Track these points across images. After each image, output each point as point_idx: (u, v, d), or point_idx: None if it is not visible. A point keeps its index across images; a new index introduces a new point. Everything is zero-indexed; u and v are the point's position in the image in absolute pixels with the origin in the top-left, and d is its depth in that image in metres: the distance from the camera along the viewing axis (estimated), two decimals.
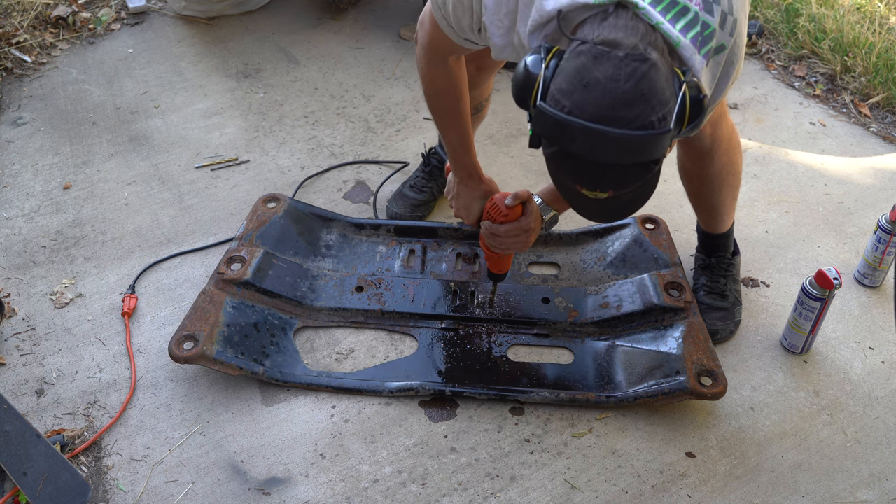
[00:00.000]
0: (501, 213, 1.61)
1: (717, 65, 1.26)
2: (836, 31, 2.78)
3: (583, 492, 1.51)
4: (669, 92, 1.10)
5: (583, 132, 1.09)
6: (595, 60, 1.08)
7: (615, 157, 1.11)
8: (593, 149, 1.10)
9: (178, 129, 2.46)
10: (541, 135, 1.17)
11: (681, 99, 1.11)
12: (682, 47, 1.16)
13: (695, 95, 1.12)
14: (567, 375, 1.71)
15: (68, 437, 1.57)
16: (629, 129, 1.07)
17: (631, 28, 1.11)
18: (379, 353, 1.76)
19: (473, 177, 1.71)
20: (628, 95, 1.07)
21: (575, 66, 1.10)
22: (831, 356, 1.78)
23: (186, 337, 1.65)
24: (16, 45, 2.76)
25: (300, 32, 2.94)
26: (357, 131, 2.45)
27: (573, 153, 1.12)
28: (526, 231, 1.62)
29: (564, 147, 1.13)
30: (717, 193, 1.75)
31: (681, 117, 1.11)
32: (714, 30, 1.21)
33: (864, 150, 2.43)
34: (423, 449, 1.58)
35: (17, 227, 2.10)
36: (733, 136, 1.70)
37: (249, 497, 1.49)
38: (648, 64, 1.08)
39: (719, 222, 1.83)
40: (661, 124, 1.09)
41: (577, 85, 1.09)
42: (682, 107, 1.11)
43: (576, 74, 1.09)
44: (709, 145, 1.63)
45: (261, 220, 1.96)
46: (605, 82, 1.07)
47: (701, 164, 1.69)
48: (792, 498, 1.51)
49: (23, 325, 1.82)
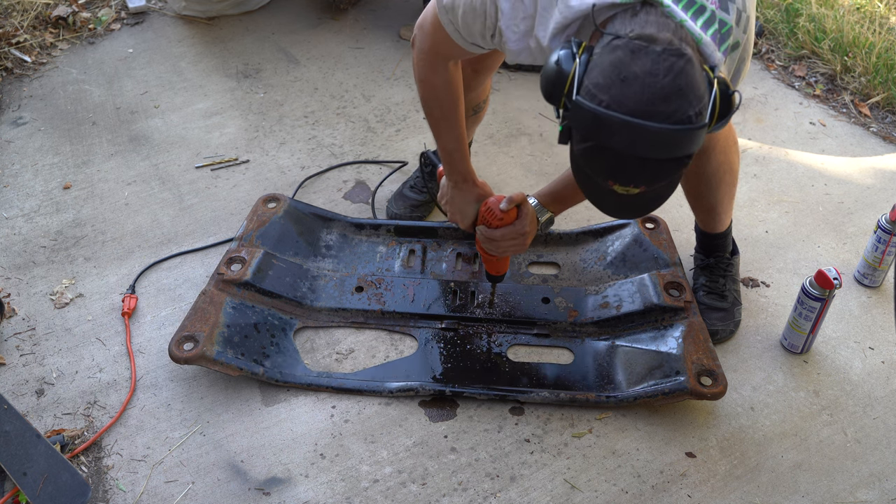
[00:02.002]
0: (496, 217, 1.61)
1: (732, 62, 1.27)
2: (836, 31, 2.78)
3: (583, 492, 1.51)
4: (704, 87, 1.11)
5: (622, 126, 1.08)
6: (633, 55, 1.08)
7: (653, 151, 1.11)
8: (632, 143, 1.10)
9: (178, 129, 2.46)
10: (576, 129, 1.16)
11: (713, 95, 1.12)
12: (703, 44, 1.17)
13: (724, 90, 1.13)
14: (567, 375, 1.71)
15: (68, 437, 1.57)
16: (668, 124, 1.08)
17: (663, 24, 1.12)
18: (379, 354, 1.76)
19: (468, 181, 1.69)
20: (667, 90, 1.07)
21: (611, 61, 1.10)
22: (831, 356, 1.78)
23: (186, 338, 1.65)
24: (16, 45, 2.76)
25: (300, 32, 2.95)
26: (357, 131, 2.45)
27: (611, 147, 1.12)
28: (521, 235, 1.62)
29: (602, 142, 1.12)
30: (715, 192, 1.76)
31: (713, 113, 1.12)
32: (731, 27, 1.22)
33: (864, 150, 2.43)
34: (423, 449, 1.58)
35: (17, 227, 2.10)
36: (730, 134, 1.70)
37: (249, 497, 1.49)
38: (685, 59, 1.08)
39: (717, 222, 1.83)
40: (697, 119, 1.10)
41: (615, 79, 1.08)
42: (714, 102, 1.12)
43: (613, 69, 1.09)
44: (706, 143, 1.64)
45: (261, 220, 1.96)
46: (643, 77, 1.07)
47: (698, 162, 1.69)
48: (792, 498, 1.51)
49: (23, 325, 1.82)
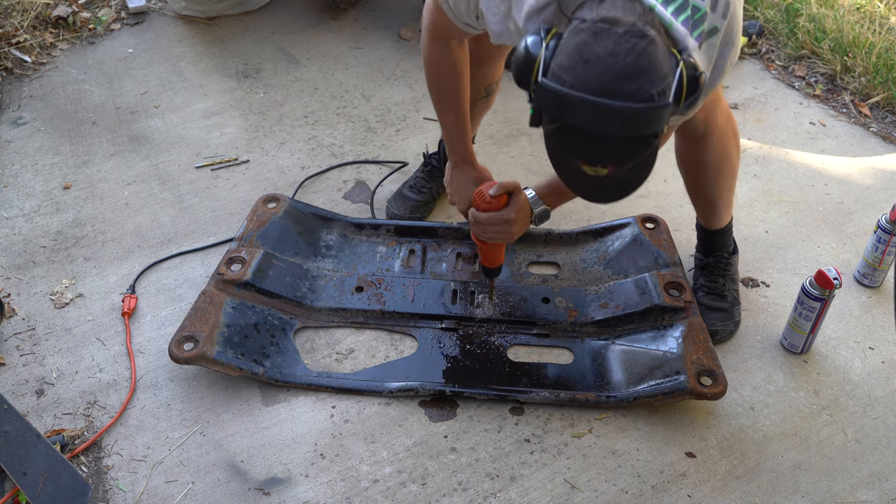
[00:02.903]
0: (485, 200, 1.64)
1: (711, 47, 1.28)
2: (836, 31, 2.78)
3: (583, 492, 1.51)
4: (667, 67, 1.13)
5: (584, 105, 1.11)
6: (595, 37, 1.10)
7: (616, 129, 1.13)
8: (595, 122, 1.12)
9: (178, 129, 2.46)
10: (542, 111, 1.19)
11: (678, 75, 1.13)
12: (674, 29, 1.18)
13: (691, 73, 1.14)
14: (567, 375, 1.71)
15: (68, 437, 1.57)
16: (630, 102, 1.10)
17: (628, 8, 1.13)
18: (379, 353, 1.76)
19: (467, 162, 1.75)
20: (628, 70, 1.09)
21: (575, 43, 1.12)
22: (831, 356, 1.78)
23: (186, 338, 1.65)
24: (16, 45, 2.76)
25: (300, 32, 2.94)
26: (357, 131, 2.45)
27: (575, 127, 1.14)
28: (507, 222, 1.63)
29: (567, 122, 1.15)
30: (714, 183, 1.76)
31: (678, 94, 1.14)
32: (705, 13, 1.23)
33: (864, 150, 2.43)
34: (423, 449, 1.58)
35: (17, 227, 2.10)
36: (729, 124, 1.71)
37: (249, 497, 1.49)
38: (647, 40, 1.10)
39: (717, 216, 1.83)
40: (660, 98, 1.12)
41: (578, 61, 1.11)
42: (679, 83, 1.13)
43: (576, 51, 1.12)
44: (702, 130, 1.66)
45: (261, 220, 1.96)
46: (605, 57, 1.09)
47: (696, 149, 1.71)
48: (792, 498, 1.51)
49: (23, 325, 1.82)
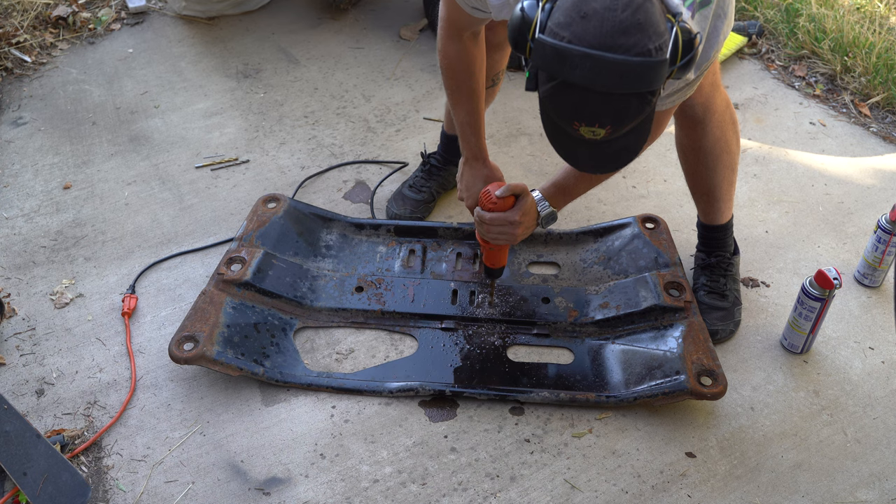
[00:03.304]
0: (491, 200, 1.63)
1: (704, 19, 1.29)
2: (836, 31, 2.78)
3: (583, 492, 1.51)
4: (664, 26, 1.13)
5: (583, 59, 1.11)
6: None
7: (615, 83, 1.13)
8: (594, 76, 1.12)
9: (178, 129, 2.46)
10: (540, 69, 1.18)
11: (674, 36, 1.14)
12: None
13: (686, 35, 1.15)
14: (567, 375, 1.71)
15: (68, 437, 1.57)
16: (628, 56, 1.10)
17: None
18: (379, 353, 1.76)
19: (478, 159, 1.75)
20: (626, 24, 1.10)
21: (572, 1, 1.13)
22: (831, 356, 1.78)
23: (186, 338, 1.65)
24: (16, 45, 2.76)
25: (300, 32, 2.94)
26: (357, 131, 2.45)
27: (573, 83, 1.14)
28: (511, 224, 1.63)
29: (565, 77, 1.14)
30: (712, 173, 1.76)
31: (674, 54, 1.14)
32: None
33: (864, 150, 2.43)
34: (423, 449, 1.58)
35: (17, 227, 2.10)
36: (727, 111, 1.72)
37: (249, 497, 1.49)
38: None
39: (716, 210, 1.83)
40: (657, 53, 1.12)
41: (575, 17, 1.12)
42: (675, 44, 1.14)
43: (573, 7, 1.12)
44: (701, 115, 1.66)
45: (261, 220, 1.96)
46: (602, 12, 1.10)
47: (694, 135, 1.71)
48: (792, 498, 1.51)
49: (23, 325, 1.82)
